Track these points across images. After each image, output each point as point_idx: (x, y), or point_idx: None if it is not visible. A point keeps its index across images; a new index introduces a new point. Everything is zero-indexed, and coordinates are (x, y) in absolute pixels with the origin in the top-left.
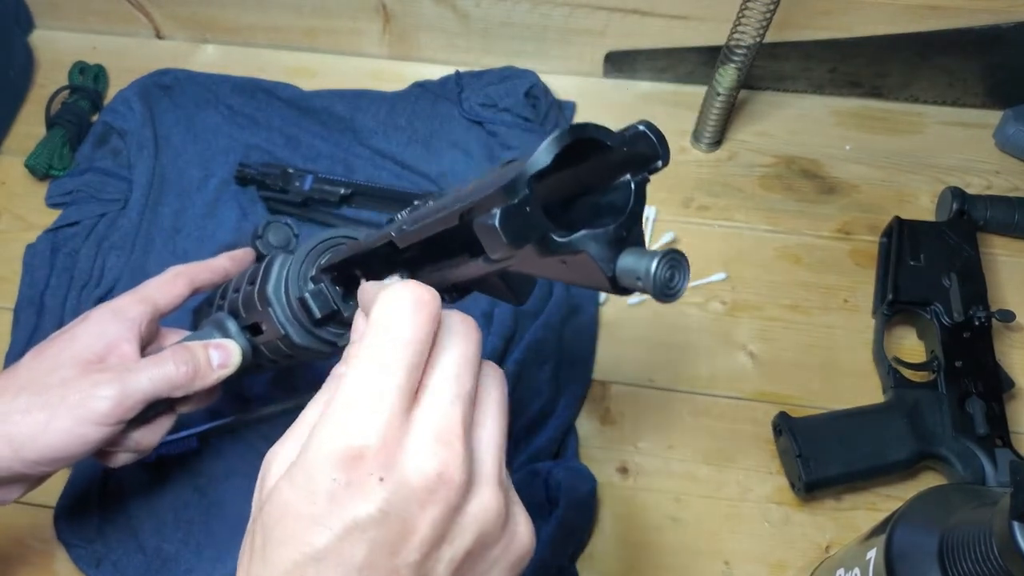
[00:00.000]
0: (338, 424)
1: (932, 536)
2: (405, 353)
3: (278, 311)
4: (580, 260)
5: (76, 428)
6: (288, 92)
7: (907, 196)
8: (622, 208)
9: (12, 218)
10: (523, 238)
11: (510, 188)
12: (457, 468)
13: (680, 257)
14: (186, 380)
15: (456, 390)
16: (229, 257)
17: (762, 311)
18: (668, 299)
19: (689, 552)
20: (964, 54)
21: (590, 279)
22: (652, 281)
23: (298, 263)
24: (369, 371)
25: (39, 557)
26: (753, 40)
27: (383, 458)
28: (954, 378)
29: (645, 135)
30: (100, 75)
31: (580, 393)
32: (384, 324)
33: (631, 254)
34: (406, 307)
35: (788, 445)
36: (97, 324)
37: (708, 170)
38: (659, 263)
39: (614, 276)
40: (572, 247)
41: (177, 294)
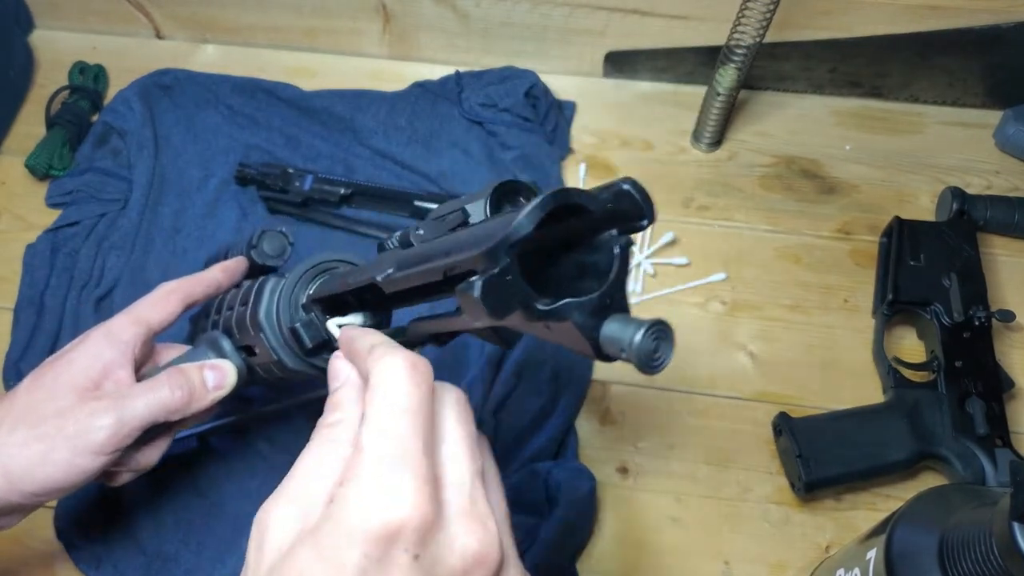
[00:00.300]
0: (371, 496)
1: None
2: (415, 422)
3: (270, 337)
4: (564, 327)
5: (74, 459)
6: (288, 92)
7: (907, 196)
8: (606, 272)
9: (12, 218)
10: (504, 309)
11: (491, 255)
12: (494, 548)
13: (665, 328)
14: (182, 404)
15: (473, 467)
16: (221, 269)
17: (762, 311)
18: (652, 371)
19: (689, 552)
20: (964, 54)
21: (574, 345)
22: (636, 353)
23: (289, 289)
24: (391, 438)
25: (39, 557)
26: (753, 40)
27: (420, 535)
28: (954, 378)
29: (629, 194)
30: (100, 75)
31: (580, 393)
32: (387, 394)
33: (616, 322)
34: (405, 376)
35: (788, 445)
36: (92, 349)
37: (708, 170)
38: (644, 335)
39: (598, 345)
40: (556, 316)
41: (170, 312)
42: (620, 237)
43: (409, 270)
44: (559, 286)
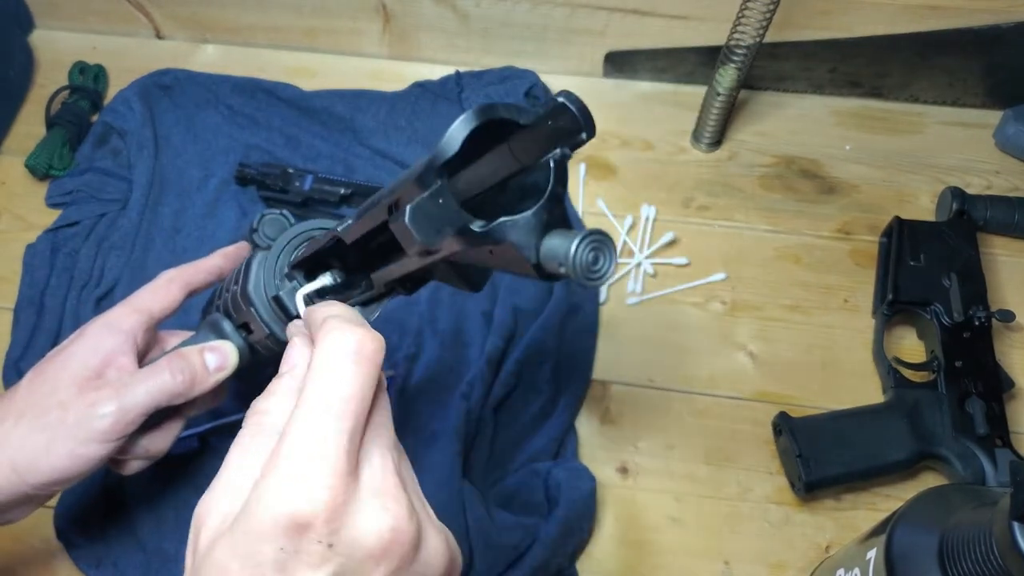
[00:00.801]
0: (282, 490)
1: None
2: (349, 410)
3: (261, 311)
4: (504, 250)
5: (78, 449)
6: (288, 92)
7: (907, 196)
8: (544, 189)
9: (12, 218)
10: (436, 233)
11: (421, 179)
12: (407, 520)
13: (603, 238)
14: (184, 388)
15: (387, 441)
16: (222, 255)
17: (762, 311)
18: (592, 283)
19: (689, 552)
20: (964, 54)
21: (517, 268)
22: (574, 265)
23: (273, 260)
24: (314, 432)
25: (40, 556)
26: (753, 40)
27: (332, 524)
28: (954, 378)
29: (564, 108)
30: (100, 75)
31: (580, 393)
32: (326, 379)
33: (554, 238)
34: (349, 359)
35: (788, 445)
36: (92, 340)
37: (708, 170)
38: (579, 246)
39: (539, 263)
40: (493, 237)
41: (172, 299)
42: (555, 152)
43: (359, 217)
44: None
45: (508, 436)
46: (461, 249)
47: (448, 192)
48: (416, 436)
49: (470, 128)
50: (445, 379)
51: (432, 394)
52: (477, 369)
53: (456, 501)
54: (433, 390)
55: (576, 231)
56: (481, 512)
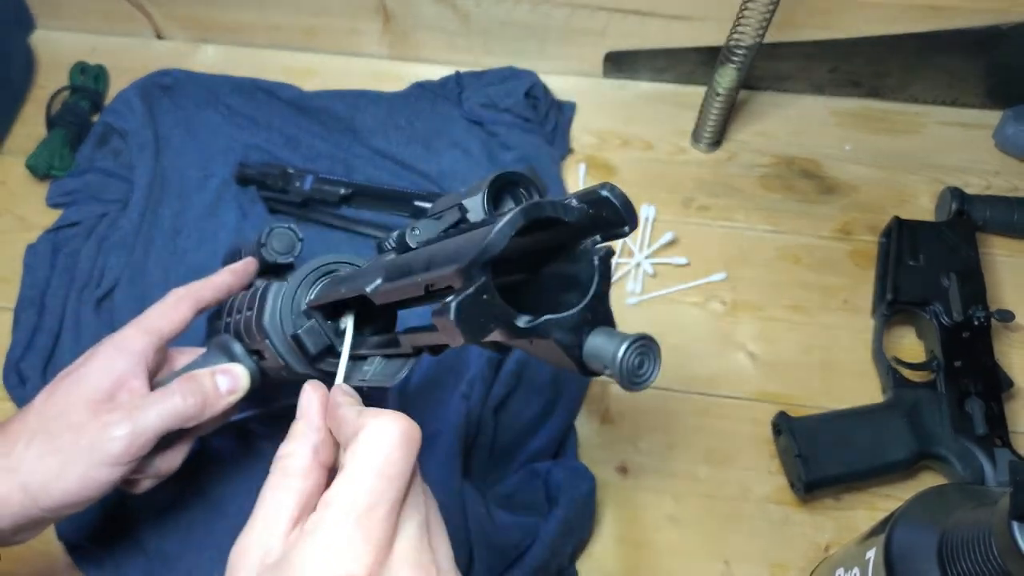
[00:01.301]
0: (325, 554)
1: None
2: (393, 488)
3: (276, 343)
4: (546, 345)
5: (90, 472)
6: (288, 92)
7: (907, 196)
8: (587, 284)
9: (13, 218)
10: (481, 330)
11: (466, 273)
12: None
13: (649, 343)
14: (196, 411)
15: (420, 518)
16: (231, 271)
17: (762, 311)
18: (635, 388)
19: (688, 552)
20: (964, 54)
21: (558, 362)
22: (619, 369)
23: (291, 294)
24: (358, 504)
25: (41, 557)
26: (753, 40)
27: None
28: (953, 378)
29: (608, 201)
30: (100, 75)
31: (579, 393)
32: (373, 455)
33: (598, 337)
34: (396, 442)
35: (788, 445)
36: (103, 361)
37: (708, 170)
38: (626, 351)
39: (581, 362)
40: (537, 333)
41: (181, 319)
42: (600, 248)
43: (394, 283)
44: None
45: (508, 436)
46: (502, 340)
47: (493, 288)
48: None
49: (516, 228)
50: (445, 379)
51: (432, 394)
52: (477, 369)
53: (456, 501)
54: (433, 390)
55: (622, 334)
56: (481, 512)
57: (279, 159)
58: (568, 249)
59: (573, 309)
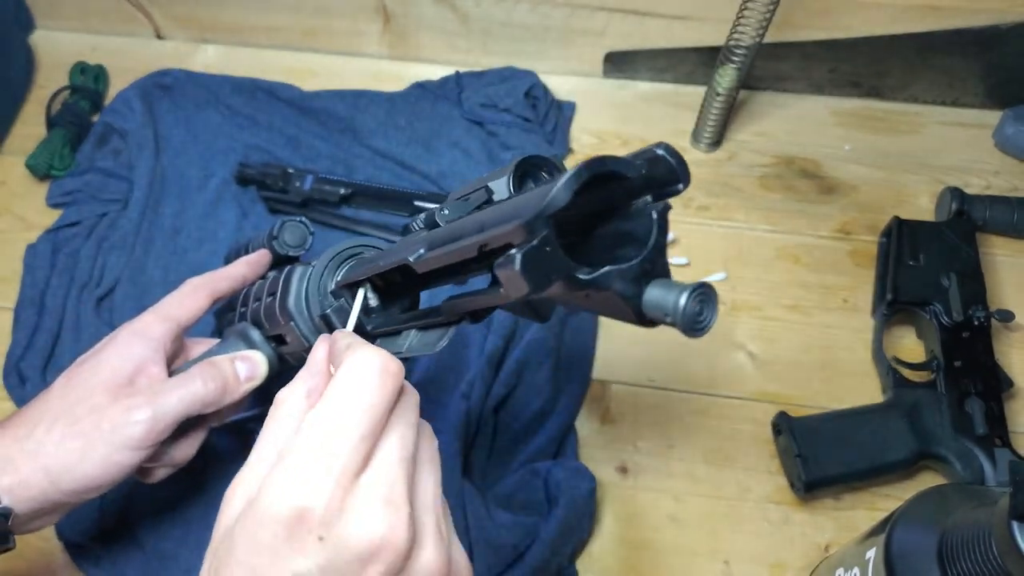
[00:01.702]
0: (287, 482)
1: (931, 536)
2: (365, 420)
3: (301, 325)
4: (605, 296)
5: (112, 455)
6: (288, 92)
7: (906, 196)
8: (644, 239)
9: (13, 218)
10: (545, 281)
11: (530, 227)
12: (402, 530)
13: (709, 291)
14: (216, 396)
15: (402, 453)
16: (246, 263)
17: (762, 311)
18: (697, 334)
19: (688, 552)
20: (964, 54)
21: (615, 312)
22: (680, 316)
23: (317, 276)
24: (327, 432)
25: (38, 555)
26: (753, 40)
27: (326, 519)
28: (953, 378)
29: (663, 159)
30: (100, 75)
31: (580, 392)
32: (349, 387)
33: (658, 288)
34: (374, 375)
35: (787, 445)
36: (124, 347)
37: (708, 170)
38: (688, 298)
39: (640, 311)
40: (597, 284)
41: (198, 307)
42: (657, 203)
43: (443, 248)
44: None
45: (508, 436)
46: (562, 294)
47: (555, 241)
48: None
49: (582, 182)
50: (445, 379)
51: (432, 394)
52: (477, 369)
53: (456, 501)
54: (433, 390)
55: (680, 284)
56: (481, 511)
57: (279, 159)
58: (620, 210)
59: (633, 260)
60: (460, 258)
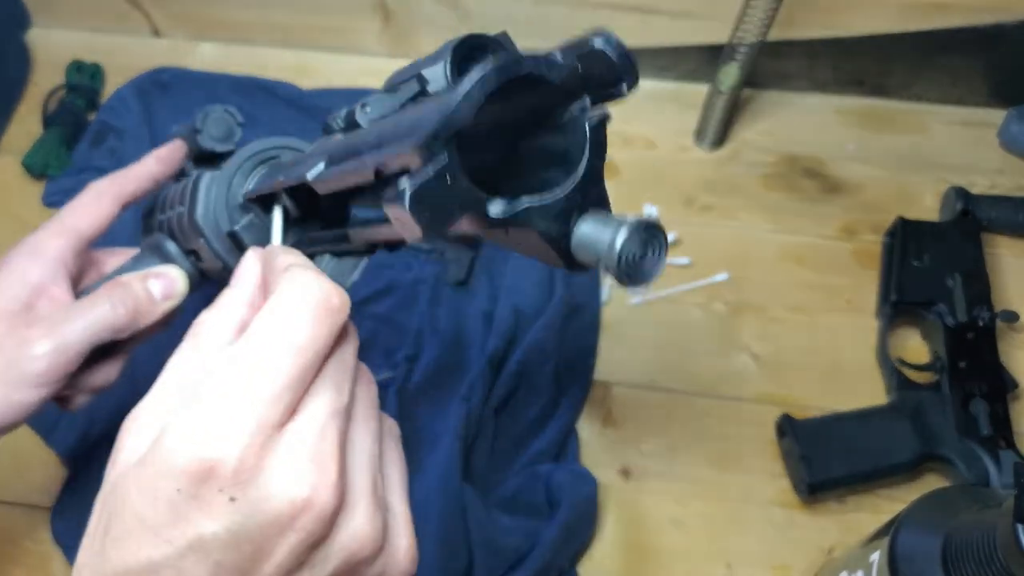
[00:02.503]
0: (194, 429)
1: (936, 538)
2: (296, 363)
3: (213, 241)
4: (525, 235)
5: (12, 395)
6: (287, 90)
7: (911, 196)
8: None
9: (9, 217)
10: (444, 219)
11: (425, 150)
12: (328, 494)
13: (653, 230)
14: (127, 321)
15: (334, 404)
16: (155, 158)
17: (765, 312)
18: (637, 283)
19: (691, 555)
20: (968, 53)
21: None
22: (617, 260)
23: (225, 185)
24: (249, 375)
25: (35, 559)
26: (756, 38)
27: (239, 477)
28: (958, 379)
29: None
30: (97, 73)
31: (581, 395)
32: (279, 322)
33: (590, 224)
34: (311, 309)
35: (791, 447)
36: (16, 270)
37: (711, 169)
38: (628, 238)
39: (569, 254)
40: (514, 222)
41: (103, 215)
42: (594, 110)
43: (337, 168)
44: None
45: (509, 438)
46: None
47: (458, 168)
48: (416, 438)
49: (488, 91)
50: (445, 380)
51: (432, 395)
52: (478, 370)
53: (457, 503)
54: (433, 391)
55: (620, 219)
56: (482, 514)
57: None
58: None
59: (558, 191)
60: (358, 181)
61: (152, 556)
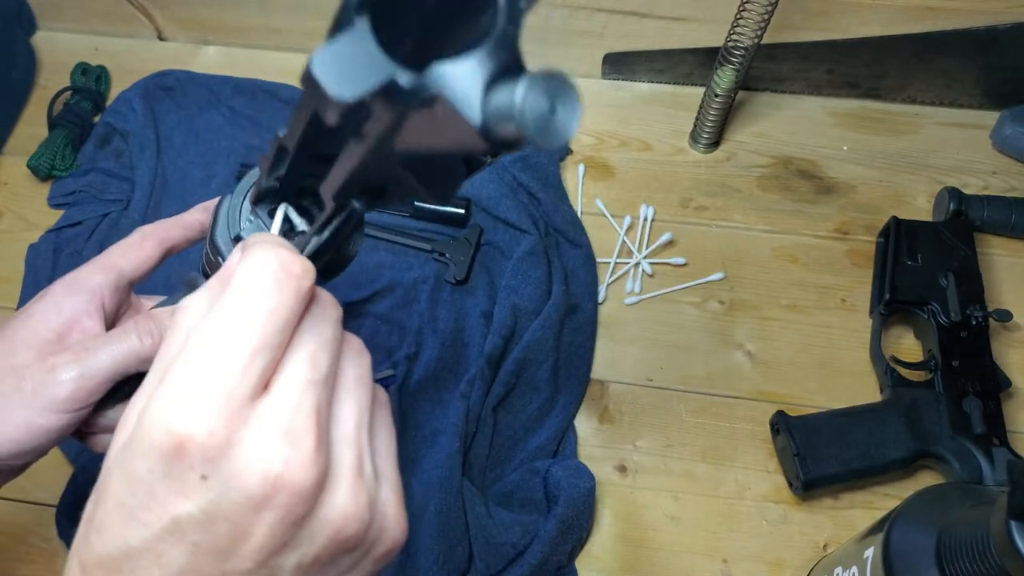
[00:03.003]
0: (165, 404)
1: (930, 535)
2: (258, 331)
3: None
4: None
5: (36, 419)
6: (290, 93)
7: (904, 196)
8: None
9: (15, 218)
10: (351, 83)
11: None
12: (304, 469)
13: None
14: (153, 352)
15: (310, 375)
16: (203, 209)
17: (760, 311)
18: (551, 140)
19: (687, 550)
20: (961, 55)
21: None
22: (524, 118)
23: (238, 199)
24: (214, 345)
25: (41, 556)
26: (751, 41)
27: (210, 453)
28: (951, 377)
29: None
30: (102, 76)
31: (579, 392)
32: (239, 292)
33: (500, 90)
34: (270, 276)
35: (786, 444)
36: (54, 299)
37: (706, 171)
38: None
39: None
40: (426, 91)
41: (146, 258)
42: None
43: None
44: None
45: (507, 435)
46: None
47: (369, 33)
48: (416, 435)
49: None
50: (445, 378)
51: (432, 393)
52: (476, 368)
53: (456, 499)
54: (433, 389)
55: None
56: (480, 510)
57: None
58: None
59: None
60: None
61: (130, 541)
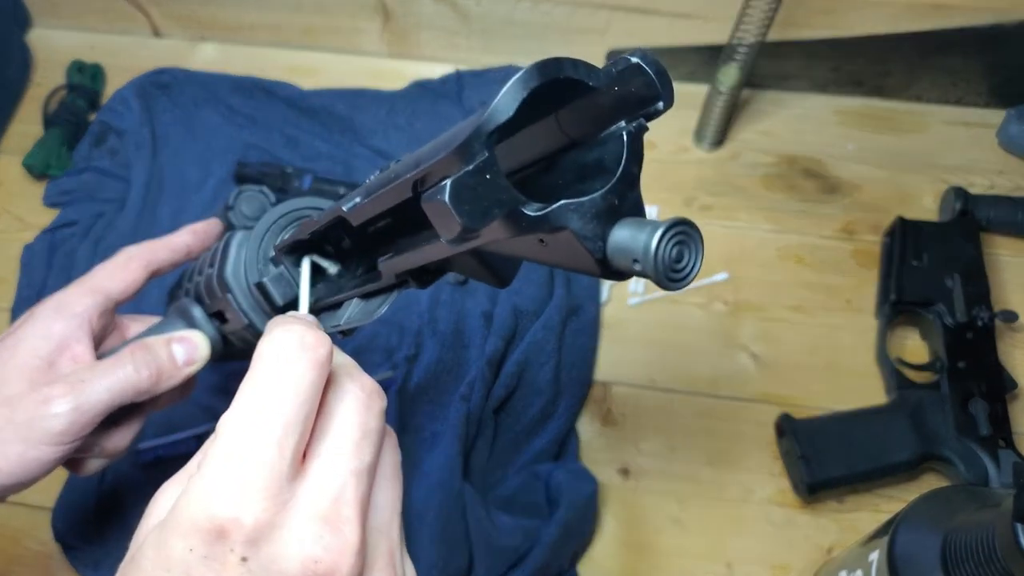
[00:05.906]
0: (206, 488)
1: (935, 538)
2: (287, 404)
3: (239, 298)
4: (561, 239)
5: (29, 452)
6: (287, 91)
7: (910, 196)
8: (613, 168)
9: (10, 218)
10: (483, 215)
11: (464, 150)
12: (345, 557)
13: (689, 230)
14: (149, 384)
15: (354, 464)
16: (191, 232)
17: (764, 312)
18: (676, 285)
19: (691, 554)
20: (967, 53)
21: (575, 262)
22: (654, 263)
23: (256, 241)
24: (245, 425)
25: (37, 558)
26: (755, 39)
27: (252, 535)
28: (957, 379)
29: (639, 69)
30: (98, 74)
31: (581, 394)
32: (265, 370)
33: (626, 228)
34: (290, 351)
35: (790, 446)
36: (41, 324)
37: (710, 169)
38: (662, 239)
39: (605, 258)
40: (550, 223)
41: (132, 279)
42: (631, 125)
43: (377, 192)
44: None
45: (509, 438)
46: (507, 236)
47: (497, 166)
48: (416, 437)
49: (531, 88)
50: (445, 380)
51: (432, 395)
52: (477, 370)
53: (456, 503)
54: (433, 391)
55: (654, 221)
56: (481, 514)
57: (278, 158)
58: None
59: (595, 193)
60: (395, 200)
61: None
